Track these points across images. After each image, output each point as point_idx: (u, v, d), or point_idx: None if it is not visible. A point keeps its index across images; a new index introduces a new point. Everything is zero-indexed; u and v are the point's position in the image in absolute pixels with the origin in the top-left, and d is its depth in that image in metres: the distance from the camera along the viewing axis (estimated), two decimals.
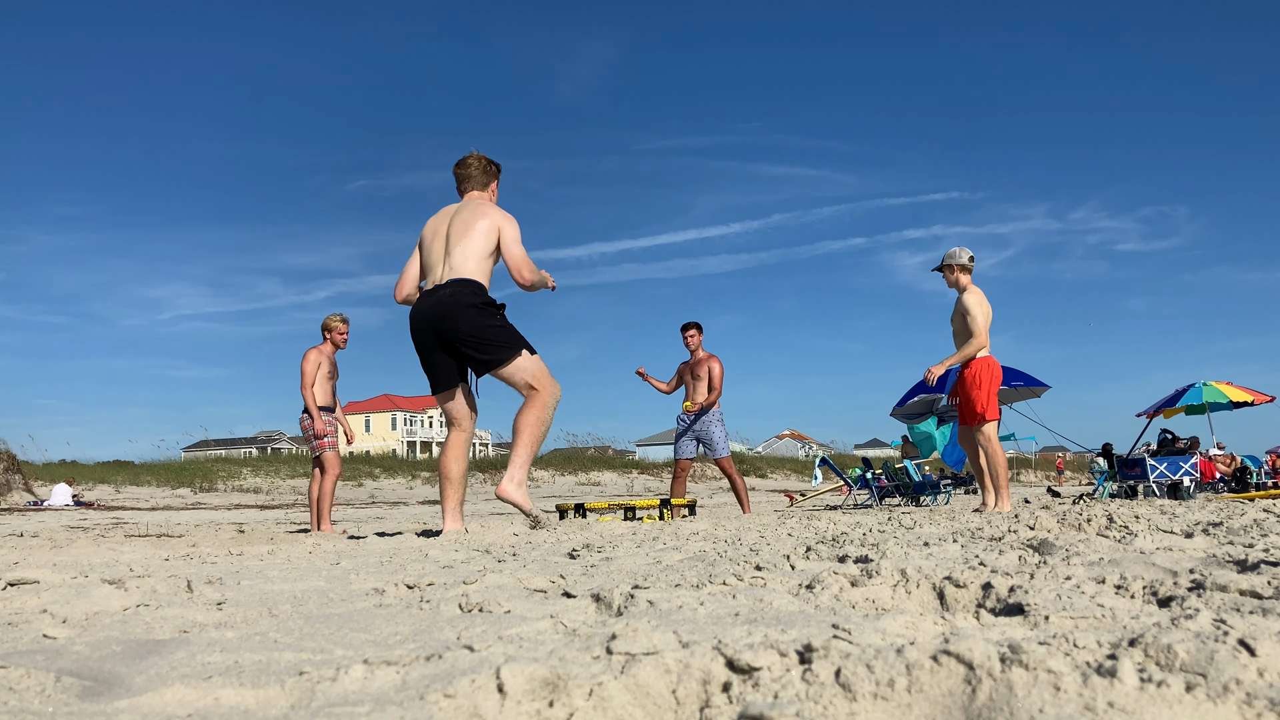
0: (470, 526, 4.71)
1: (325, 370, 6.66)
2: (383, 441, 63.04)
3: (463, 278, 4.48)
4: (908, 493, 13.16)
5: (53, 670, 1.08)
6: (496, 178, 4.95)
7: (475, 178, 4.86)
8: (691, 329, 8.31)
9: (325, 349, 6.72)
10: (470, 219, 4.62)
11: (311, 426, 6.56)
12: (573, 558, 2.86)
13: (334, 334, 6.73)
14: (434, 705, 0.90)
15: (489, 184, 4.90)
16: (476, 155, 4.90)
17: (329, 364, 6.69)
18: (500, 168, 4.98)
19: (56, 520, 10.93)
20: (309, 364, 6.58)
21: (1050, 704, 0.82)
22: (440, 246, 4.60)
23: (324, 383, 6.66)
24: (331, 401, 6.76)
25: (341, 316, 6.78)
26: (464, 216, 4.64)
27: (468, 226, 4.57)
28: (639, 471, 32.69)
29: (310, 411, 6.55)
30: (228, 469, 28.19)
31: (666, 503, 7.09)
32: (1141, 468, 11.68)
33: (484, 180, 4.88)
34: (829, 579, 1.70)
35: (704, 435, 8.32)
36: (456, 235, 4.57)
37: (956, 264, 6.65)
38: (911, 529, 3.46)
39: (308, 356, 6.63)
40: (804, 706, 0.86)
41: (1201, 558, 2.02)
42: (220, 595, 1.97)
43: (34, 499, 19.02)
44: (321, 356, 6.66)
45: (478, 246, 4.55)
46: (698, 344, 8.34)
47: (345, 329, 6.79)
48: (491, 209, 4.71)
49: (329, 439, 6.57)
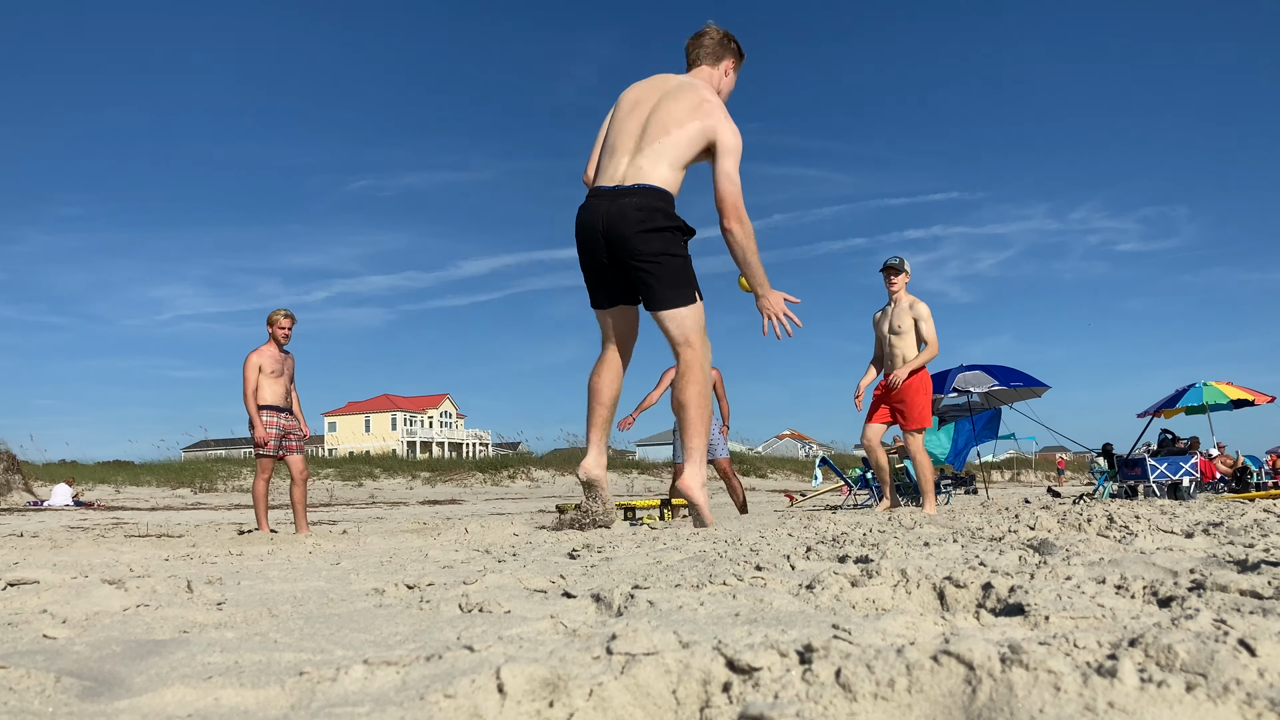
0: (470, 526, 4.71)
1: (269, 369, 6.57)
2: (383, 441, 63.03)
3: (654, 186, 3.69)
4: (908, 493, 13.16)
5: (53, 670, 1.08)
6: (736, 60, 4.09)
7: (709, 50, 4.02)
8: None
9: (266, 349, 6.61)
10: (684, 110, 3.74)
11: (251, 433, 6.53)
12: (573, 558, 2.86)
13: (275, 328, 6.62)
14: (434, 705, 0.90)
15: (722, 62, 4.03)
16: (714, 27, 4.05)
17: (273, 362, 6.60)
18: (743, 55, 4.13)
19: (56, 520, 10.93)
20: (248, 368, 6.49)
21: (1050, 704, 0.82)
22: (635, 130, 3.77)
23: (271, 382, 6.58)
24: (284, 400, 6.66)
25: (285, 311, 6.64)
26: (679, 103, 3.75)
27: (677, 120, 3.72)
28: (639, 471, 32.69)
29: (251, 419, 6.47)
30: (228, 469, 28.19)
31: (667, 503, 7.09)
32: (1142, 468, 11.68)
33: (718, 54, 4.03)
34: (829, 579, 1.70)
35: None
36: (658, 125, 3.73)
37: (907, 269, 6.67)
38: (911, 529, 3.46)
39: (247, 360, 6.55)
40: (804, 707, 0.86)
41: (1202, 558, 2.02)
42: (220, 595, 1.97)
43: (34, 499, 19.02)
44: (261, 358, 6.57)
45: (681, 152, 3.72)
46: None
47: (288, 324, 6.61)
48: (715, 107, 3.79)
49: (269, 445, 6.51)
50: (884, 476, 6.89)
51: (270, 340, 6.61)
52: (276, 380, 6.55)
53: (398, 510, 14.11)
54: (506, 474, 31.41)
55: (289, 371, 6.69)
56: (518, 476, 31.36)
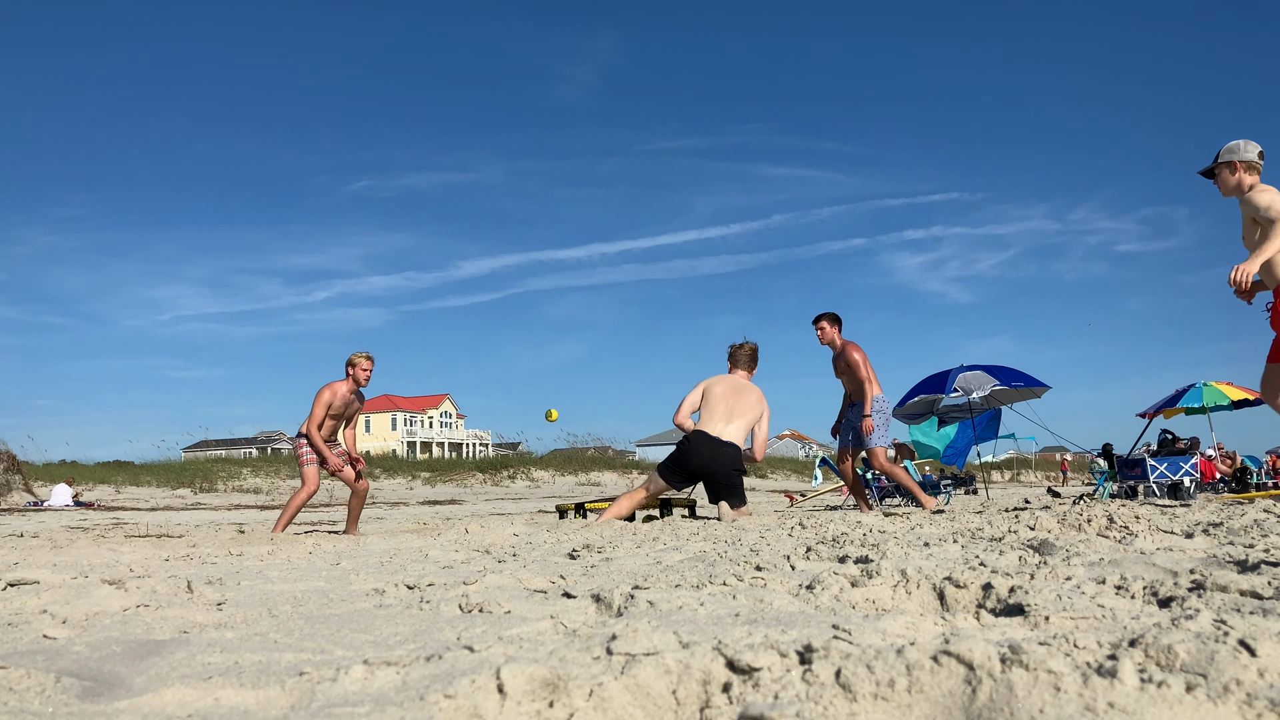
0: (470, 527, 4.71)
1: (336, 409, 6.62)
2: (383, 442, 63.05)
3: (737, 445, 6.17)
4: (908, 493, 13.16)
5: (53, 670, 1.08)
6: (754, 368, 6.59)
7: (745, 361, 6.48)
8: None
9: (341, 386, 6.67)
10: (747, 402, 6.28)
11: (299, 449, 6.59)
12: (573, 558, 2.86)
13: (355, 369, 6.68)
14: (434, 705, 0.90)
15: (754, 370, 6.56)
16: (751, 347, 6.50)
17: (342, 404, 6.65)
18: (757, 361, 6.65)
19: (56, 521, 10.93)
20: (318, 404, 6.57)
21: (1050, 704, 0.82)
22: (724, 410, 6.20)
23: (329, 421, 6.63)
24: (333, 438, 6.75)
25: (367, 355, 6.72)
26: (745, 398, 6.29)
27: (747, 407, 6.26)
28: (639, 471, 32.67)
29: (312, 441, 6.52)
30: (228, 469, 28.19)
31: (667, 504, 7.09)
32: (1142, 468, 11.67)
33: (751, 366, 6.51)
34: (829, 579, 1.70)
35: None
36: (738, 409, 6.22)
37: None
38: (911, 529, 3.46)
39: (319, 395, 6.62)
40: (804, 707, 0.86)
41: (1202, 558, 2.02)
42: (220, 595, 1.97)
43: (34, 499, 19.02)
44: (335, 396, 6.63)
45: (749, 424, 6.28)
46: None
47: (369, 367, 6.71)
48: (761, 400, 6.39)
49: (307, 457, 6.55)
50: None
51: (348, 379, 6.70)
52: (333, 420, 6.63)
53: (398, 510, 14.11)
54: (506, 474, 31.41)
55: (352, 414, 6.78)
56: (518, 477, 31.35)
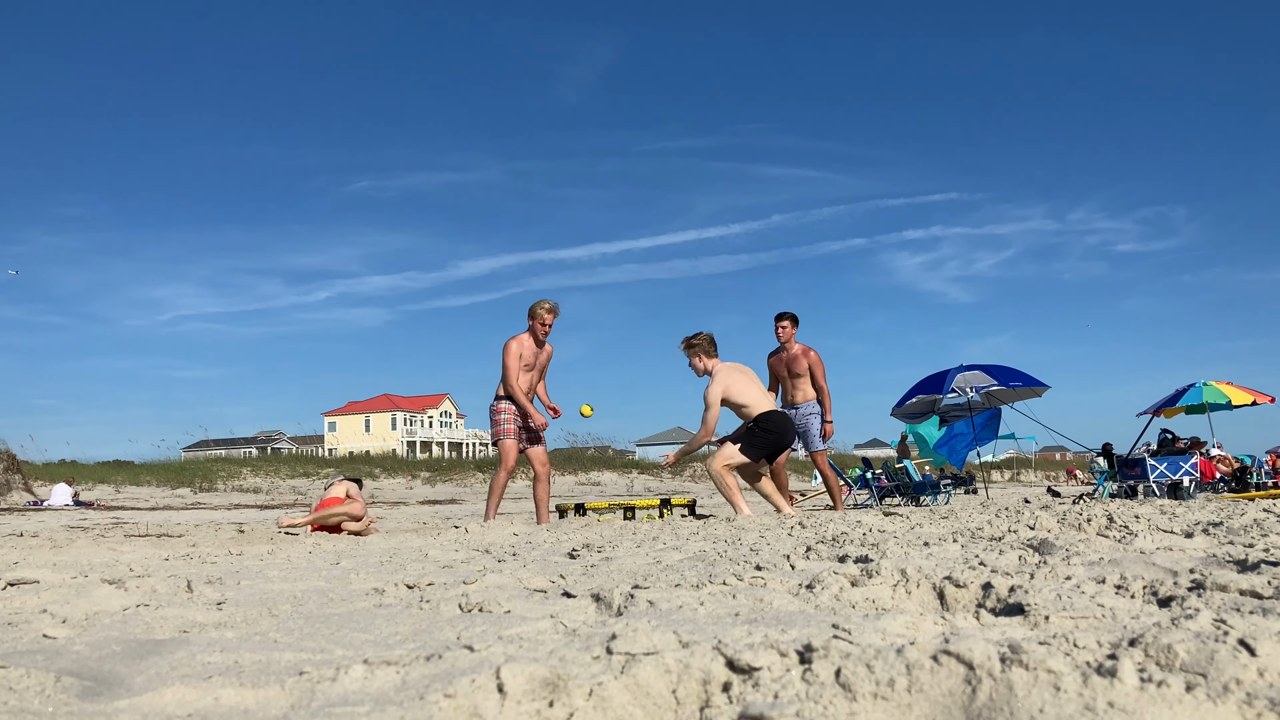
0: (470, 526, 4.71)
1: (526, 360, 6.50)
2: (383, 441, 63.03)
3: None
4: (908, 493, 13.16)
5: (53, 670, 1.08)
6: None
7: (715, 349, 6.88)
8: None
9: (526, 338, 6.51)
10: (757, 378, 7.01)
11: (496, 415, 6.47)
12: (573, 558, 2.86)
13: (536, 321, 6.51)
14: (434, 705, 0.90)
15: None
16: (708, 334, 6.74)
17: (530, 354, 6.51)
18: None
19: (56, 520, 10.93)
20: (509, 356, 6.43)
21: (1050, 704, 0.82)
22: (760, 389, 6.64)
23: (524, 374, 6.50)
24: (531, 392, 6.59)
25: (550, 306, 6.54)
26: (755, 375, 6.89)
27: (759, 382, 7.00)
28: (639, 471, 32.66)
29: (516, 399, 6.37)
30: (228, 469, 28.19)
31: (666, 503, 7.09)
32: (1142, 468, 11.68)
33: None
34: (829, 579, 1.70)
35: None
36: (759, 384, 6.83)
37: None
38: (911, 529, 3.46)
39: (508, 348, 6.47)
40: (804, 706, 0.86)
41: (1202, 558, 2.02)
42: (220, 595, 1.97)
43: (34, 499, 19.02)
44: (521, 347, 6.49)
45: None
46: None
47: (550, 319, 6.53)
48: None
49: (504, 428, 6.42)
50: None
51: (529, 331, 6.57)
52: (527, 373, 6.53)
53: (397, 510, 14.11)
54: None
55: (541, 365, 6.68)
56: (518, 476, 31.36)
